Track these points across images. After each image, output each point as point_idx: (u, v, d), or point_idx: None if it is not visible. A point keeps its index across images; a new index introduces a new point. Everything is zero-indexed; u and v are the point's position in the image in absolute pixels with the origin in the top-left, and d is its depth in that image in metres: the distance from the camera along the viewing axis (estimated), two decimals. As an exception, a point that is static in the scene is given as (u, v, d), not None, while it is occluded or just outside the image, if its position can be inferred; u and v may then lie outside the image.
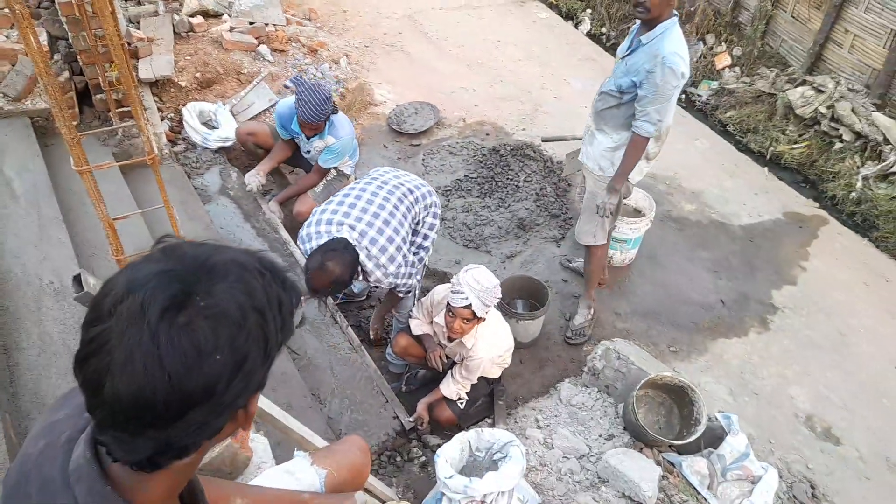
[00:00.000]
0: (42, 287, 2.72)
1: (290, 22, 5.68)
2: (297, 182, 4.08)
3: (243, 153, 4.40)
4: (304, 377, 3.03)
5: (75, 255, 2.91)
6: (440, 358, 2.88)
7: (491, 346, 2.78)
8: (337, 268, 2.50)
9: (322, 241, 2.59)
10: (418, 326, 2.97)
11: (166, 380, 0.66)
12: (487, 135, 4.97)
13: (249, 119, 4.69)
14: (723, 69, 5.82)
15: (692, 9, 6.20)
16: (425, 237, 3.04)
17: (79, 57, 3.73)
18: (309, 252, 2.63)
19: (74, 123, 3.08)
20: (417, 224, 2.96)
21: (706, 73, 5.85)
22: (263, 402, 1.66)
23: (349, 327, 3.40)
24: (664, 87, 2.72)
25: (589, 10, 6.84)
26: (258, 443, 1.62)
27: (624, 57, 2.89)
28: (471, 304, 2.52)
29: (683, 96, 5.64)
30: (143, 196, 3.65)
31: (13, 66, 3.68)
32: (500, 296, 2.62)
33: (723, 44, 6.00)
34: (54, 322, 2.60)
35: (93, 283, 1.40)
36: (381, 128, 5.01)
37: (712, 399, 3.24)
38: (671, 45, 2.68)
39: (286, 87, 4.91)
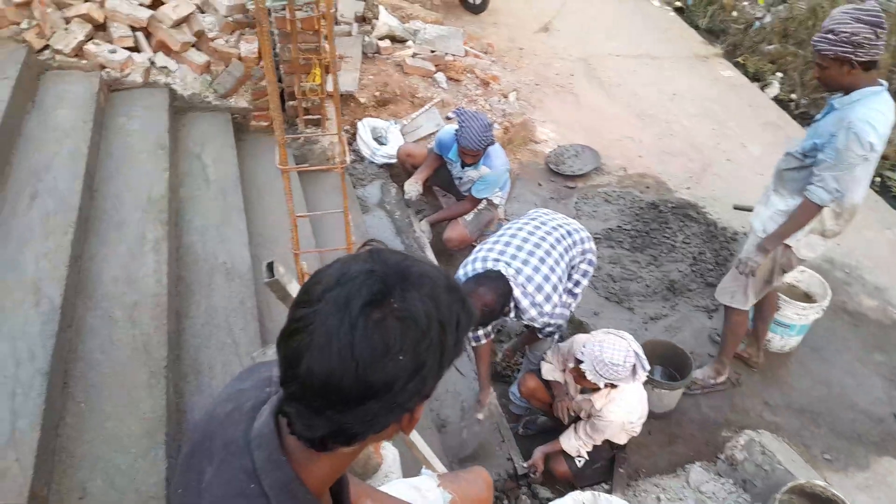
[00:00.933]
0: (216, 265, 3.01)
1: (468, 54, 5.90)
2: (449, 207, 4.19)
3: (402, 172, 4.61)
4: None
5: (248, 241, 3.19)
6: (568, 410, 2.77)
7: (623, 412, 2.63)
8: (488, 294, 2.51)
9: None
10: (550, 372, 2.89)
11: (354, 367, 0.72)
12: (648, 188, 4.80)
13: (415, 141, 4.91)
14: (930, 154, 5.16)
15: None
16: (577, 283, 2.97)
17: (281, 66, 4.14)
18: None
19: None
20: (572, 269, 2.90)
21: (909, 156, 5.22)
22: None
23: (477, 358, 3.40)
24: (845, 154, 2.49)
25: (779, 74, 6.41)
26: (388, 452, 1.66)
27: (816, 121, 2.70)
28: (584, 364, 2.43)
29: (878, 180, 5.07)
30: (311, 197, 3.94)
31: (226, 67, 4.16)
32: (623, 377, 2.48)
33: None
34: (221, 298, 2.84)
35: (282, 272, 1.52)
36: (539, 166, 5.02)
37: (869, 524, 2.82)
38: (863, 111, 2.47)
39: (449, 117, 5.09)
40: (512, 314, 2.67)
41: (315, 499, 0.85)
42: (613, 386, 2.55)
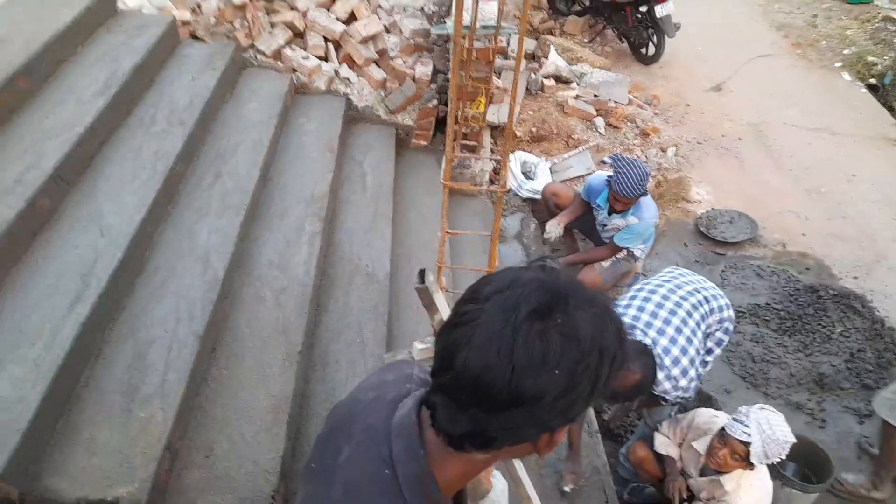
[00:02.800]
0: (358, 266, 3.17)
1: (632, 103, 5.81)
2: (587, 251, 4.11)
3: (544, 209, 4.60)
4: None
5: (390, 249, 3.34)
6: (680, 490, 2.58)
7: (753, 500, 2.40)
8: (640, 371, 2.38)
9: None
10: (664, 446, 2.70)
11: (510, 370, 0.72)
12: (808, 269, 4.40)
13: (562, 180, 4.89)
14: None
15: None
16: (709, 351, 2.79)
17: (449, 91, 4.32)
18: None
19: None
20: (707, 336, 2.73)
21: None
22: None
23: (591, 409, 3.27)
24: None
25: None
26: (498, 482, 1.64)
27: None
28: (750, 444, 2.21)
29: None
30: (454, 219, 4.05)
31: (400, 85, 4.42)
32: (785, 457, 2.25)
33: None
34: (358, 298, 2.99)
35: (432, 280, 1.57)
36: (688, 226, 4.79)
37: None
38: None
39: (604, 161, 5.02)
40: None
41: (444, 497, 0.85)
42: (748, 467, 2.32)
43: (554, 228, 4.02)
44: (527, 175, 4.82)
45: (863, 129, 6.21)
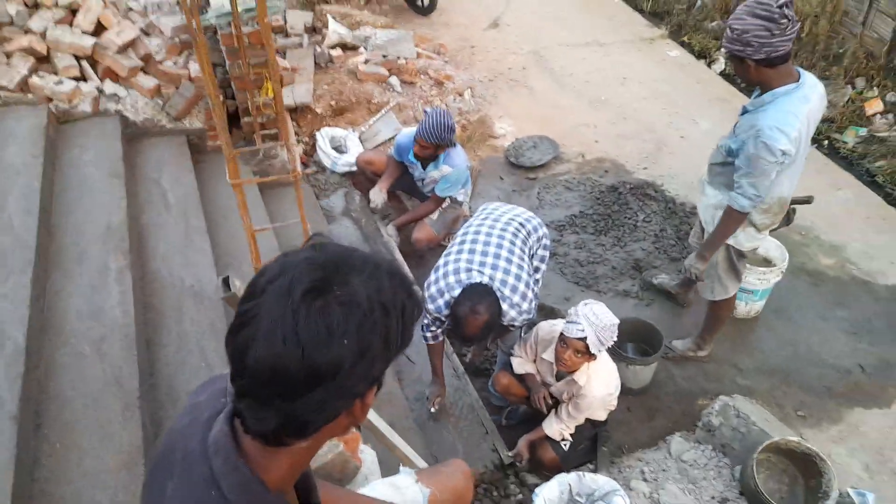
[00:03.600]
0: (184, 289, 2.99)
1: (421, 56, 5.93)
2: (414, 209, 4.21)
3: (364, 180, 4.62)
4: (406, 398, 3.08)
5: (214, 262, 3.18)
6: (545, 399, 2.82)
7: (602, 385, 2.69)
8: (487, 311, 2.53)
9: (458, 292, 2.64)
10: (521, 365, 2.92)
11: (300, 352, 0.73)
12: (606, 172, 4.89)
13: (374, 147, 4.92)
14: (873, 115, 5.35)
15: (840, 50, 5.78)
16: (537, 269, 3.02)
17: (232, 83, 4.12)
18: (443, 307, 2.69)
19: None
20: (531, 257, 2.95)
21: (853, 118, 5.40)
22: (373, 417, 1.71)
23: (454, 354, 3.43)
24: (757, 162, 2.48)
25: (723, 50, 6.57)
26: (367, 454, 1.68)
27: (741, 115, 2.68)
28: (586, 338, 2.45)
29: (826, 142, 5.25)
30: (275, 212, 3.93)
31: (177, 88, 4.12)
32: (616, 337, 2.54)
33: (874, 88, 5.53)
34: (191, 322, 2.83)
35: (238, 286, 1.53)
36: (499, 160, 5.07)
37: (845, 473, 2.91)
38: (773, 116, 2.41)
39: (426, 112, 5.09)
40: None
41: (277, 497, 0.86)
42: (592, 358, 2.57)
43: (377, 196, 4.06)
44: (338, 149, 4.78)
45: (623, 35, 6.90)
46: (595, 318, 2.47)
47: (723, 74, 6.26)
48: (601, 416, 2.86)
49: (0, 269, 2.60)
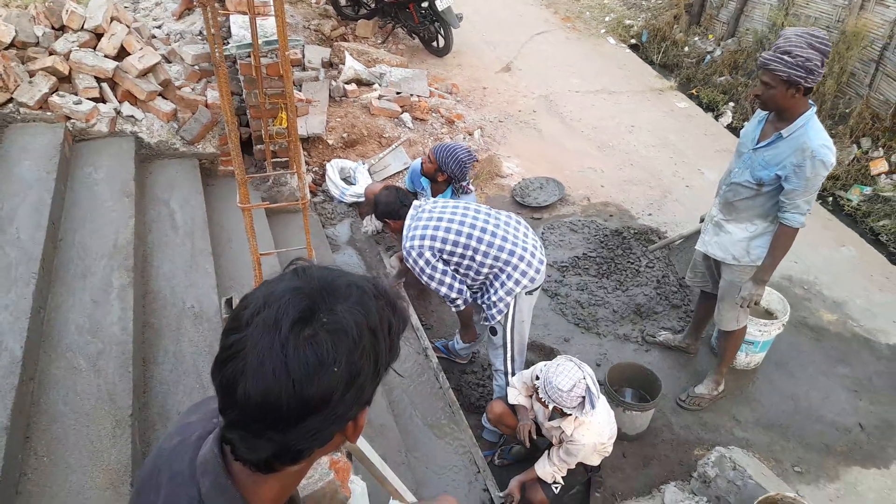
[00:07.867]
0: (184, 310, 3.00)
1: (433, 94, 6.06)
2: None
3: (371, 211, 4.67)
4: (400, 432, 3.05)
5: (216, 285, 3.19)
6: (529, 432, 2.79)
7: (593, 433, 2.65)
8: (383, 193, 3.16)
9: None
10: (515, 396, 2.91)
11: (290, 385, 0.72)
12: (611, 216, 4.92)
13: (382, 179, 4.98)
14: (878, 175, 5.40)
15: (847, 110, 5.87)
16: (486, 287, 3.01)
17: (248, 111, 4.21)
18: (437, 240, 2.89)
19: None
20: (489, 272, 2.94)
21: (858, 177, 5.46)
22: (365, 448, 1.69)
23: (450, 389, 3.41)
24: (815, 180, 2.67)
25: (731, 104, 6.69)
26: (357, 485, 1.66)
27: (758, 149, 2.80)
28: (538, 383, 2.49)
29: (831, 199, 5.28)
30: (280, 238, 3.96)
31: (193, 114, 4.21)
32: (569, 405, 2.53)
33: (880, 149, 5.60)
34: (189, 343, 2.83)
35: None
36: (505, 199, 5.12)
37: (842, 535, 2.85)
38: (817, 137, 2.63)
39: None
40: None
41: None
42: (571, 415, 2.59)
43: (369, 223, 4.11)
44: (347, 180, 4.84)
45: (633, 85, 7.03)
46: (550, 387, 2.54)
47: (729, 127, 6.35)
48: (595, 461, 2.82)
49: (4, 281, 2.62)
